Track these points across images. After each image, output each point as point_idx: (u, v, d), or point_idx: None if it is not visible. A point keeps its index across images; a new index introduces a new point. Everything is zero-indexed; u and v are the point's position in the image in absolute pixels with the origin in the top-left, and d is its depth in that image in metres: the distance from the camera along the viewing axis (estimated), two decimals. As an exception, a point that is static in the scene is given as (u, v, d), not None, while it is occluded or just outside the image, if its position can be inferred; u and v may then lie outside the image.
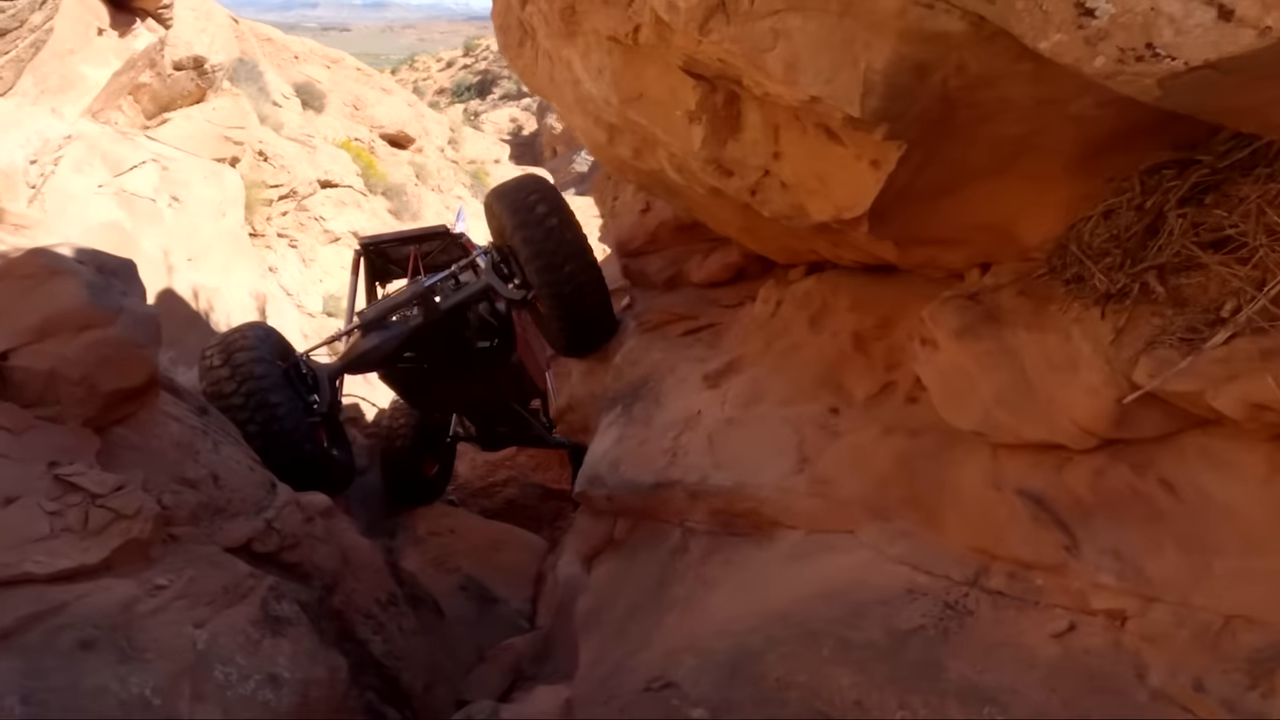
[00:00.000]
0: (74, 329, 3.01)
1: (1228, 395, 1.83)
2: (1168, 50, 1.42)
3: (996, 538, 2.29)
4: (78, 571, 2.54)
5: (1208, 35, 1.37)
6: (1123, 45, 1.49)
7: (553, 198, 5.41)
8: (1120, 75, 1.51)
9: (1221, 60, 1.36)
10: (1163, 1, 1.44)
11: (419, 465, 8.10)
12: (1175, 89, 1.47)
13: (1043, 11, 1.63)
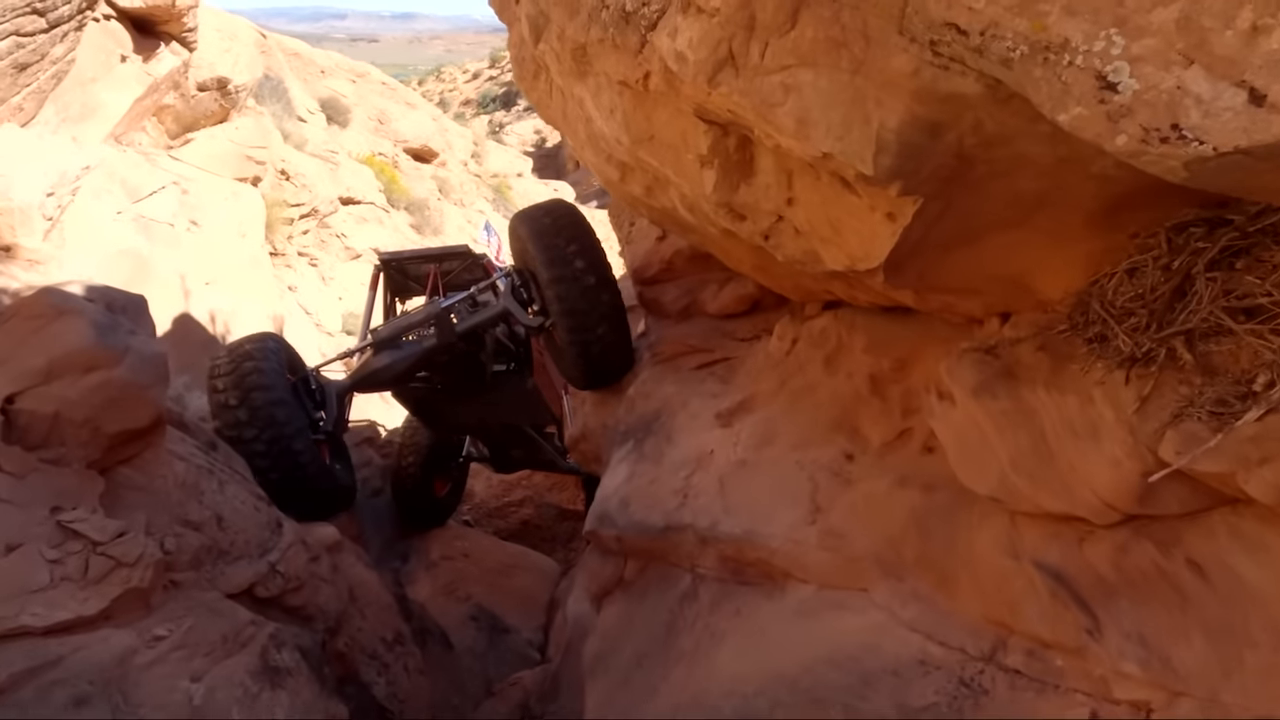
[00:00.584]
0: (80, 370, 3.00)
1: (1260, 479, 1.73)
2: (1195, 133, 1.34)
3: (1013, 610, 2.20)
4: (75, 623, 2.53)
5: (1238, 120, 1.29)
6: (1146, 124, 1.41)
7: (578, 225, 5.27)
8: (1144, 155, 1.43)
9: (1254, 147, 1.28)
10: (1189, 80, 1.36)
11: (429, 485, 8.09)
12: (1203, 172, 1.39)
13: (1062, 82, 1.56)
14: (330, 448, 4.91)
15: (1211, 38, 1.34)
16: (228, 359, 4.50)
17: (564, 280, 4.98)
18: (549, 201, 5.62)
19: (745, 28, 2.11)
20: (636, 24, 2.57)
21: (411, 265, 6.32)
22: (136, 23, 6.34)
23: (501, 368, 6.20)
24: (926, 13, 1.79)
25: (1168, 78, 1.39)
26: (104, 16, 5.40)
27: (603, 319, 5.02)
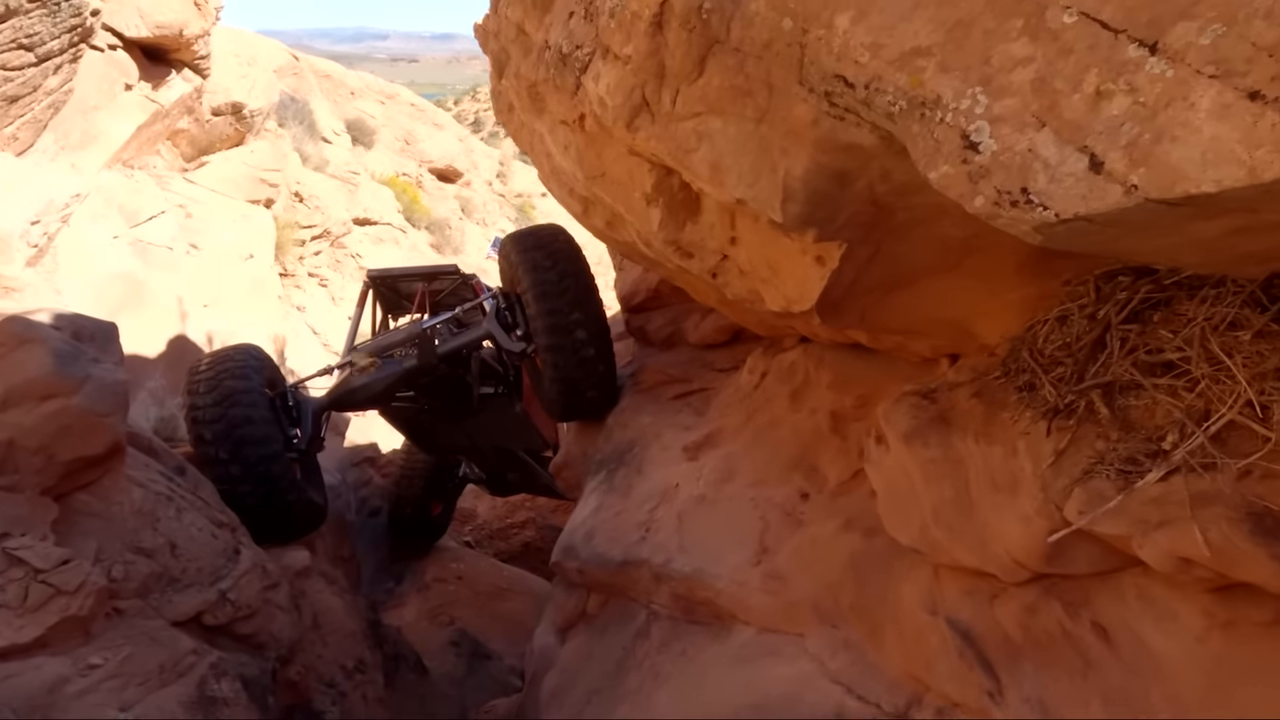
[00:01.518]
0: (36, 398, 3.07)
1: (1154, 545, 1.68)
2: (1041, 198, 1.32)
3: (928, 667, 2.15)
4: (9, 650, 2.56)
5: (1078, 187, 1.26)
6: (1000, 186, 1.39)
7: (568, 252, 5.11)
8: (999, 218, 1.40)
9: (1092, 215, 1.25)
10: (1040, 143, 1.34)
11: (428, 508, 8.12)
12: (1055, 236, 1.36)
13: (934, 139, 1.54)
14: (302, 466, 4.87)
15: (1061, 100, 1.32)
16: (208, 369, 4.50)
17: (549, 309, 4.83)
18: (542, 226, 5.52)
19: (656, 75, 2.11)
20: (572, 66, 2.59)
21: (402, 283, 6.30)
22: (146, 51, 6.53)
23: (490, 390, 6.18)
24: (820, 64, 1.78)
25: (1022, 140, 1.37)
26: (108, 46, 5.57)
27: (582, 334, 4.88)
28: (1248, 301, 1.82)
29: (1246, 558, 1.59)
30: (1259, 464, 1.70)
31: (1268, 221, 1.23)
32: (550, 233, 5.29)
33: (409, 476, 7.95)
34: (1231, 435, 1.78)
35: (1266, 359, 1.74)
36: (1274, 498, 1.66)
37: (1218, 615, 1.73)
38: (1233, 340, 1.81)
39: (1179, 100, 1.15)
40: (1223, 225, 1.26)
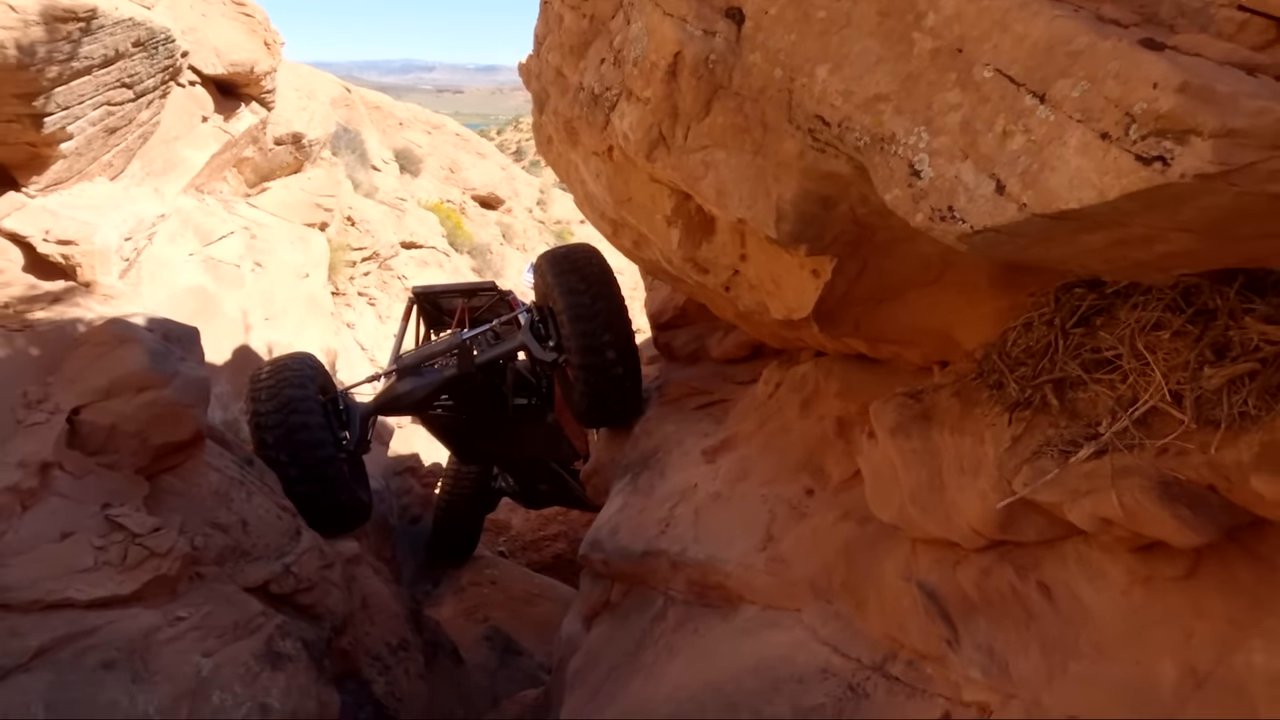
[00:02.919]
0: (134, 390, 3.52)
1: (1080, 509, 1.99)
2: (961, 214, 1.66)
3: (901, 626, 2.45)
4: (112, 600, 2.97)
5: (987, 205, 1.61)
6: (934, 205, 1.74)
7: (599, 269, 5.46)
8: (933, 229, 1.75)
9: (997, 226, 1.60)
10: (964, 172, 1.69)
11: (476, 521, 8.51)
12: (976, 244, 1.70)
13: (889, 168, 1.90)
14: (351, 466, 5.29)
15: (979, 138, 1.67)
16: (269, 375, 4.95)
17: (579, 319, 5.21)
18: (577, 246, 5.87)
19: (671, 115, 2.50)
20: (602, 105, 2.99)
21: (444, 299, 6.74)
22: (220, 86, 7.13)
23: (524, 401, 6.56)
24: (804, 106, 2.15)
25: (951, 168, 1.72)
26: (189, 83, 6.15)
27: (612, 360, 5.28)
28: (1169, 306, 2.14)
29: (1153, 518, 1.89)
30: (1174, 443, 2.00)
31: (1137, 235, 1.56)
32: (584, 255, 5.64)
33: (454, 501, 8.31)
34: (1155, 420, 2.08)
35: (1181, 354, 2.05)
36: (1184, 470, 1.96)
37: (1138, 572, 2.02)
38: (1155, 339, 2.12)
39: (1056, 139, 1.50)
40: (1104, 237, 1.59)
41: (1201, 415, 1.98)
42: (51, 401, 3.31)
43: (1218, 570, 1.96)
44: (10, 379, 3.33)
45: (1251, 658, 1.72)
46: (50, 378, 3.42)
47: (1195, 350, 2.01)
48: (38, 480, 3.06)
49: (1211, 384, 1.94)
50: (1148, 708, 1.77)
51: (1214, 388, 1.94)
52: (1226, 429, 1.92)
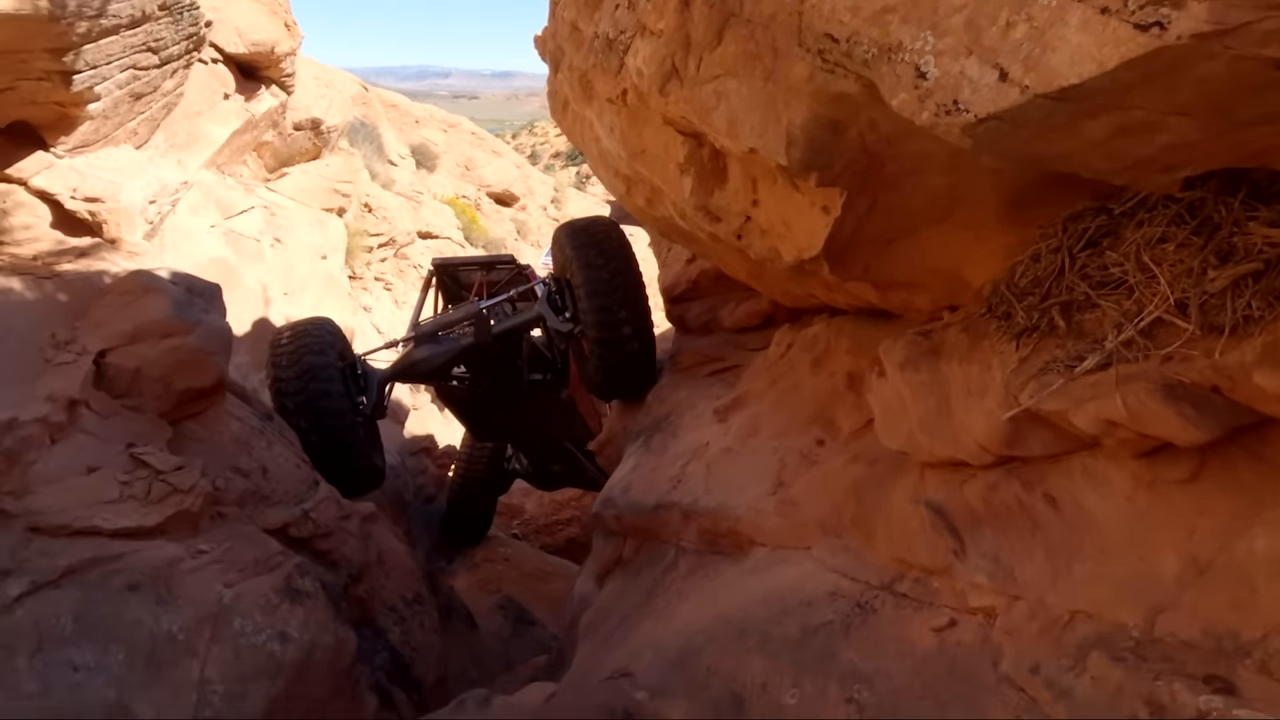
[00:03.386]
0: (158, 336, 3.61)
1: (1084, 413, 2.02)
2: (965, 105, 1.71)
3: (909, 548, 2.49)
4: (136, 531, 3.05)
5: (990, 93, 1.65)
6: (940, 102, 1.78)
7: (616, 241, 5.51)
8: (938, 126, 1.79)
9: (1001, 112, 1.64)
10: (968, 67, 1.73)
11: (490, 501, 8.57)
12: (980, 136, 1.74)
13: (896, 75, 1.94)
14: (366, 430, 5.36)
15: (983, 34, 1.71)
16: (290, 340, 5.03)
17: (596, 293, 5.28)
18: (596, 219, 5.91)
19: (683, 46, 2.56)
20: (616, 50, 3.05)
21: (463, 272, 6.82)
22: (241, 68, 7.26)
23: (539, 377, 6.63)
24: (813, 27, 2.20)
25: (955, 66, 1.76)
26: (211, 60, 6.27)
27: (628, 335, 5.30)
28: (1173, 220, 2.17)
29: (1157, 416, 1.92)
30: (1179, 351, 2.03)
31: (1137, 121, 1.60)
32: (604, 228, 5.67)
33: (469, 482, 8.37)
34: (1160, 331, 2.11)
35: (1186, 263, 2.08)
36: (1188, 374, 1.99)
37: (1143, 477, 2.05)
38: (1160, 252, 2.15)
39: (1058, 21, 1.54)
40: (1105, 124, 1.63)
41: (1206, 321, 2.01)
42: (79, 344, 3.39)
43: (1221, 473, 1.98)
44: (39, 321, 3.43)
45: (1253, 544, 1.75)
46: (77, 322, 3.51)
47: (1200, 257, 2.04)
48: (65, 416, 3.14)
49: (1215, 286, 1.97)
50: (1150, 596, 1.80)
51: (1218, 290, 1.97)
52: (1230, 333, 1.95)
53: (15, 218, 4.05)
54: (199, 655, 2.69)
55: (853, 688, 2.12)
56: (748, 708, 2.34)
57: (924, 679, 2.05)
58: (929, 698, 1.98)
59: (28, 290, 3.55)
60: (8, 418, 2.83)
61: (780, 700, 2.25)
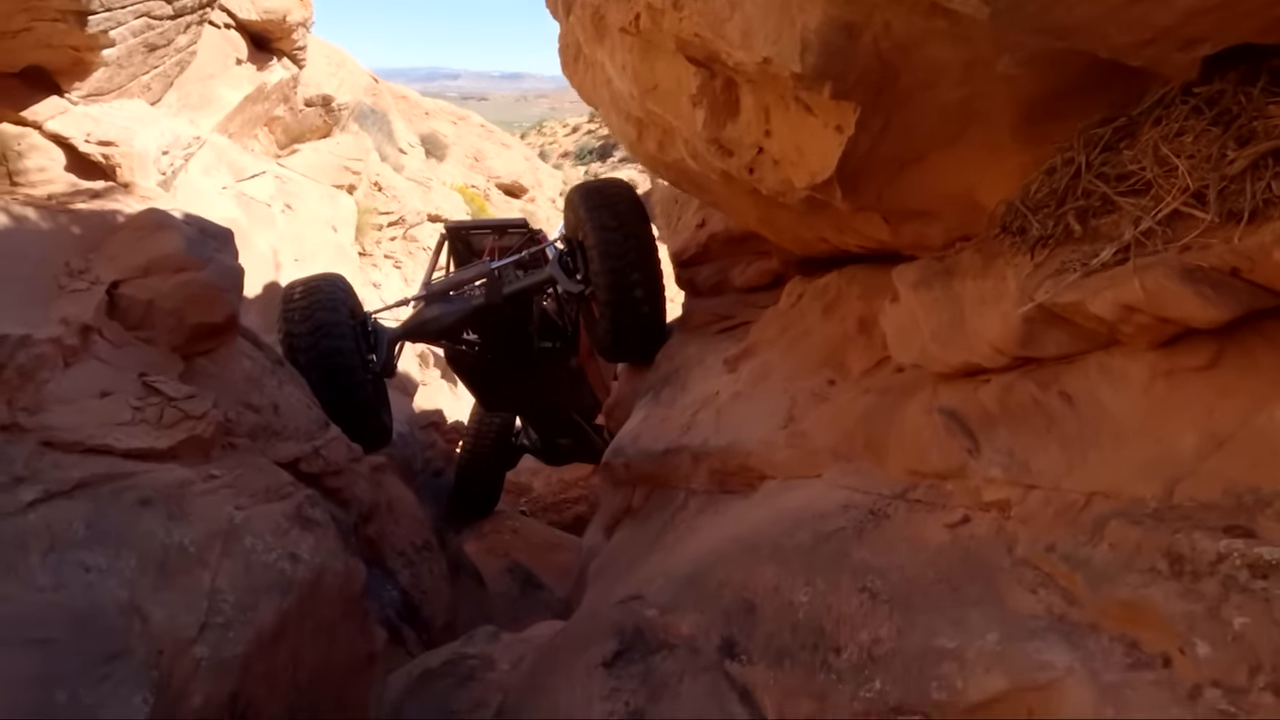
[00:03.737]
0: (171, 270, 3.62)
1: (1101, 300, 2.01)
2: (984, -29, 1.70)
3: (922, 457, 2.47)
4: (148, 452, 3.05)
5: (1009, -49, 1.64)
6: (960, -26, 1.77)
7: (630, 202, 5.50)
8: (964, 2, 1.78)
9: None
10: (987, -68, 1.72)
11: (498, 474, 8.59)
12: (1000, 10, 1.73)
13: (912, -45, 1.93)
14: (374, 388, 5.35)
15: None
16: (302, 296, 5.05)
17: (608, 255, 5.28)
18: (610, 181, 5.91)
19: (697, -47, 2.55)
20: (629, -27, 3.05)
21: (475, 236, 6.82)
22: (254, 38, 7.30)
23: (548, 345, 6.64)
24: (828, -80, 2.19)
25: (974, -67, 1.75)
26: (225, 25, 6.31)
27: (640, 298, 5.30)
28: (1192, 114, 2.15)
29: (1175, 297, 1.90)
30: (1197, 240, 2.01)
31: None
32: (616, 190, 5.65)
33: (477, 456, 8.40)
34: (1178, 225, 2.09)
35: (1205, 151, 2.06)
36: (1207, 260, 1.97)
37: (1160, 367, 2.03)
38: (1179, 145, 2.13)
39: None
40: (1124, -18, 1.62)
41: (1224, 209, 1.99)
42: (92, 273, 3.41)
43: (1240, 359, 1.96)
44: (53, 250, 3.44)
45: (1274, 414, 1.73)
46: (91, 254, 3.53)
47: (1219, 144, 2.02)
48: (79, 340, 3.15)
49: (1235, 169, 1.95)
50: (1168, 470, 1.78)
51: (1237, 172, 1.95)
52: (1250, 220, 1.93)
53: (30, 160, 4.09)
54: (210, 567, 2.70)
55: (865, 579, 2.10)
56: (759, 612, 2.33)
57: (937, 568, 2.04)
58: (943, 583, 1.97)
59: (43, 221, 3.57)
60: (22, 334, 2.84)
61: (792, 599, 2.24)
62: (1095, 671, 1.47)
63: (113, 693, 2.15)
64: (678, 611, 2.62)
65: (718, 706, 2.12)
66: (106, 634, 2.26)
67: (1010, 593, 1.82)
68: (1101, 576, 1.64)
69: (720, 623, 2.40)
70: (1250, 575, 1.38)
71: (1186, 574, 1.48)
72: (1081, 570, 1.70)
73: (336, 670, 3.06)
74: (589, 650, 2.67)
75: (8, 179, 4.03)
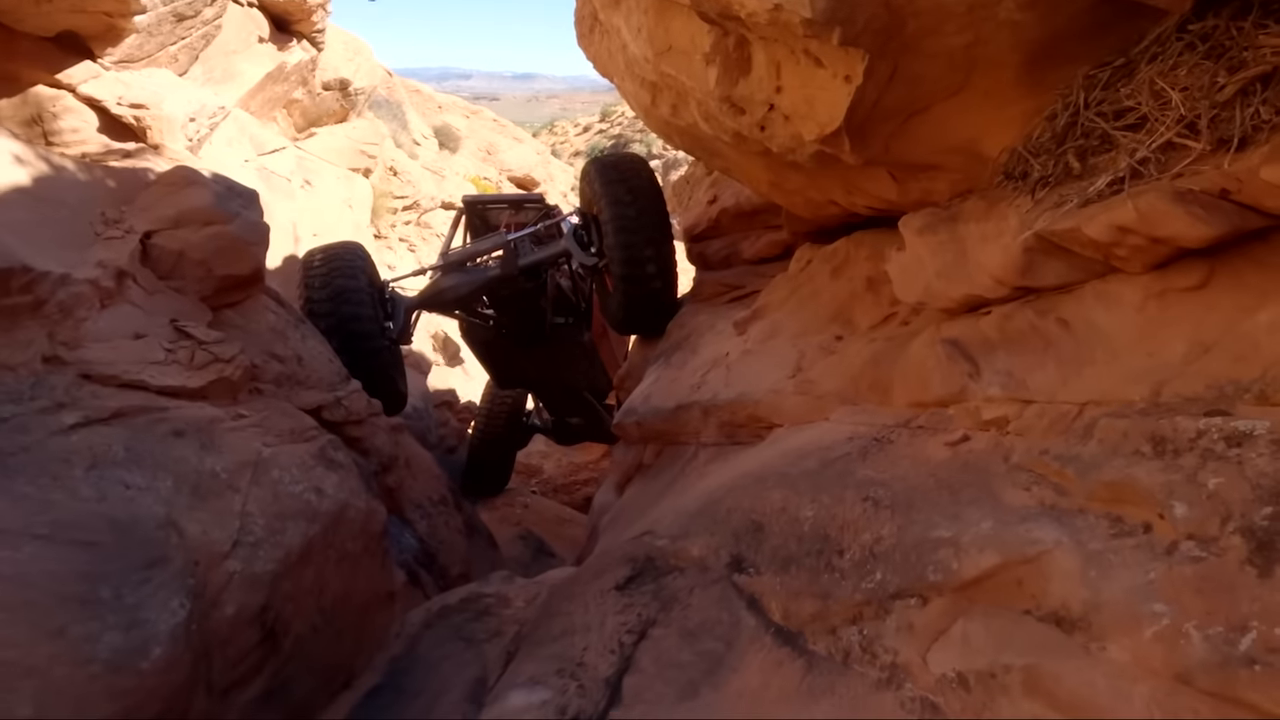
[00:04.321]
0: (200, 223, 3.75)
1: (1096, 224, 2.10)
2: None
3: (924, 387, 2.57)
4: (180, 391, 3.18)
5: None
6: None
7: (644, 176, 5.55)
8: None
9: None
10: None
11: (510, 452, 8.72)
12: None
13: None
14: (390, 355, 5.45)
15: None
16: (322, 263, 5.18)
17: (623, 230, 5.34)
18: (625, 155, 5.97)
19: (712, -96, 2.65)
20: (646, -68, 3.15)
21: (492, 211, 6.92)
22: (275, 19, 7.45)
23: (562, 320, 6.74)
24: None
25: None
26: (248, 3, 6.46)
27: (652, 273, 5.38)
28: (1185, 49, 2.24)
29: (1166, 216, 2.00)
30: (1189, 168, 2.11)
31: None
32: (632, 164, 5.70)
33: (488, 435, 8.51)
34: (1171, 156, 2.19)
35: (1198, 82, 2.15)
36: (1198, 185, 2.06)
37: (1153, 288, 2.12)
38: (1173, 79, 2.22)
39: None
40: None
41: (1215, 137, 2.08)
42: (126, 223, 3.54)
43: (1229, 279, 2.05)
44: (89, 199, 3.57)
45: (1257, 318, 1.82)
46: (125, 206, 3.66)
47: (1211, 74, 2.11)
48: (114, 283, 3.28)
49: (1225, 95, 2.04)
50: (1156, 376, 1.87)
51: (1227, 98, 2.04)
52: (1239, 147, 2.02)
53: (64, 121, 4.23)
54: (241, 492, 2.82)
55: (868, 490, 2.20)
56: (766, 529, 2.43)
57: (938, 478, 2.13)
58: (943, 490, 2.07)
59: (80, 172, 3.70)
60: (62, 272, 2.96)
61: (798, 515, 2.34)
62: (1081, 543, 1.56)
63: (152, 595, 2.26)
64: (688, 538, 2.72)
65: (727, 613, 2.23)
66: (146, 543, 2.37)
67: (1005, 492, 1.92)
68: (1089, 465, 1.74)
69: (729, 543, 2.50)
70: (1226, 445, 1.47)
71: (1168, 452, 1.57)
72: (1072, 465, 1.80)
73: (357, 601, 3.18)
74: (602, 578, 2.78)
75: (43, 139, 4.18)
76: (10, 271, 2.59)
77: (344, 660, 2.97)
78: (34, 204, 3.27)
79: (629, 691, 2.04)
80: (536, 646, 2.50)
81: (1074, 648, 1.41)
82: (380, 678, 2.92)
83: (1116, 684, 1.31)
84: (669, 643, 2.17)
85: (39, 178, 3.40)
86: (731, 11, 3.06)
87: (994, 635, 1.57)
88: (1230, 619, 1.22)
